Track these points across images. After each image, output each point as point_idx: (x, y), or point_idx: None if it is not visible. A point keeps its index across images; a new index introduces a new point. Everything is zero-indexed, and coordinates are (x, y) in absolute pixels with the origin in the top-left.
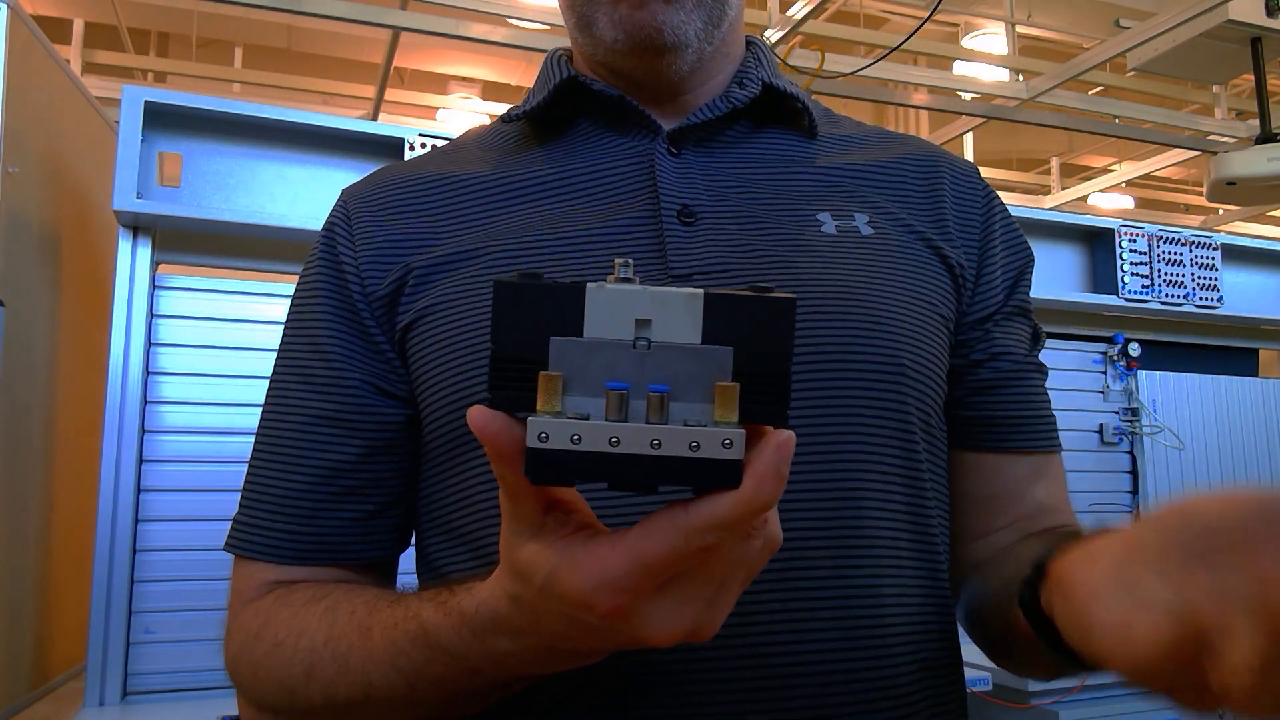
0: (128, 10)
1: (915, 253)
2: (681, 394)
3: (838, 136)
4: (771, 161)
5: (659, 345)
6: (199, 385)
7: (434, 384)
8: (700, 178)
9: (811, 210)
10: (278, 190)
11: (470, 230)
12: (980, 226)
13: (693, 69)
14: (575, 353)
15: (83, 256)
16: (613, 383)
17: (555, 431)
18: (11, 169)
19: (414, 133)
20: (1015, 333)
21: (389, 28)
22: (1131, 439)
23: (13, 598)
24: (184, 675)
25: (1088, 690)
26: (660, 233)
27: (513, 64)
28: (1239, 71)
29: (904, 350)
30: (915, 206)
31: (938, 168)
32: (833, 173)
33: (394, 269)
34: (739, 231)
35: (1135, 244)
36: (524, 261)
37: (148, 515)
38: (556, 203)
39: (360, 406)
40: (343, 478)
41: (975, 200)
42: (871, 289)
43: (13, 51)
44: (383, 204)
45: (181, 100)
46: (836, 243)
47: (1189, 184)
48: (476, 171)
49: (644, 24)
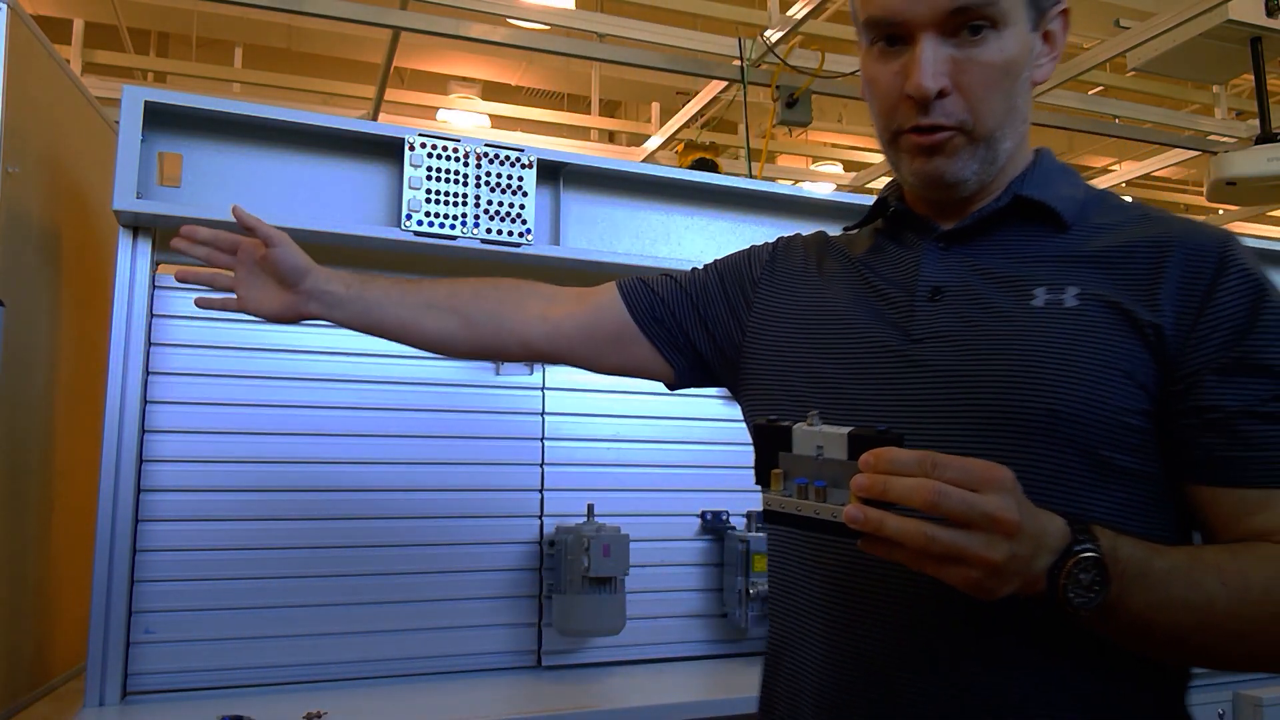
0: (128, 10)
1: (1111, 321)
2: (836, 485)
3: (1092, 226)
4: (1013, 253)
5: (826, 459)
6: (199, 385)
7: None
8: (957, 265)
9: (1030, 287)
10: (278, 190)
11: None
12: (1202, 296)
13: (974, 192)
14: (789, 460)
15: (83, 256)
16: (801, 479)
17: (776, 501)
18: (12, 169)
19: (414, 133)
20: (1236, 385)
21: (389, 28)
22: None
23: (13, 598)
24: (184, 675)
25: None
26: (912, 305)
27: (513, 64)
28: (1239, 71)
29: (1060, 398)
30: (1127, 283)
31: (1168, 249)
32: (1065, 258)
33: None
34: (968, 305)
35: None
36: (831, 319)
37: (148, 515)
38: (863, 281)
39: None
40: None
41: (1203, 272)
42: (1050, 349)
43: (13, 51)
44: (788, 263)
45: (181, 100)
46: (1040, 313)
47: (1189, 184)
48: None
49: (930, 173)
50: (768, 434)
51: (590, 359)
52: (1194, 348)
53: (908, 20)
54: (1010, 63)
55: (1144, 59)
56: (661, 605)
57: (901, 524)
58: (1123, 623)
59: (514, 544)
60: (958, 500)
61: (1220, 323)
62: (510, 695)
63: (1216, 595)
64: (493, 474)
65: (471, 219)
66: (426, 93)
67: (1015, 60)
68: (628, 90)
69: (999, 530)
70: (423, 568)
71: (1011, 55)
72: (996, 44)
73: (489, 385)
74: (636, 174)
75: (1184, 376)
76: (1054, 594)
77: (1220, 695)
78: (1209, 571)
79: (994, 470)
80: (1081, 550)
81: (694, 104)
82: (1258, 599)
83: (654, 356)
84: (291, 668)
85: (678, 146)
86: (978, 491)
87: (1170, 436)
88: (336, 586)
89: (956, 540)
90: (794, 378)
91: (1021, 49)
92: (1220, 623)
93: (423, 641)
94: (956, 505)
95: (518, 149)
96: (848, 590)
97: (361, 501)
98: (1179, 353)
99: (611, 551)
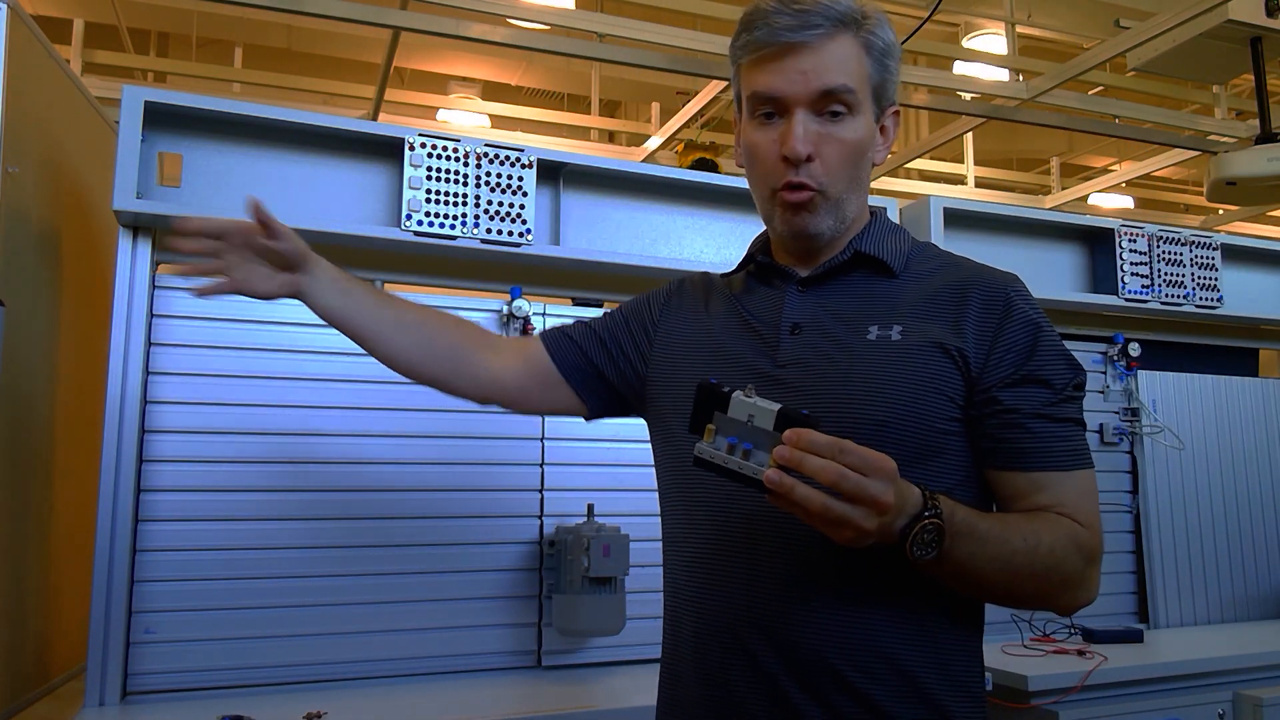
0: (128, 10)
1: (926, 351)
2: (759, 448)
3: (916, 272)
4: (857, 295)
5: (754, 426)
6: (199, 385)
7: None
8: (811, 306)
9: (866, 324)
10: (278, 190)
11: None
12: (995, 327)
13: (826, 244)
14: (722, 420)
15: (83, 256)
16: (732, 439)
17: (706, 451)
18: (11, 169)
19: (414, 133)
20: (1024, 394)
21: (389, 28)
22: (1131, 439)
23: (13, 598)
24: (184, 675)
25: (1088, 690)
26: (778, 338)
27: (513, 64)
28: (1239, 71)
29: (887, 410)
30: (940, 319)
31: (967, 290)
32: (892, 301)
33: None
34: (820, 338)
35: (1135, 244)
36: (717, 348)
37: (148, 515)
38: (740, 317)
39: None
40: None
41: (994, 309)
42: (880, 374)
43: (13, 51)
44: (680, 303)
45: (181, 100)
46: (873, 345)
47: (1189, 184)
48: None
49: (799, 226)
50: (709, 394)
51: (520, 403)
52: (993, 368)
53: (786, 97)
54: (859, 142)
55: (1144, 59)
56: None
57: (807, 493)
58: (948, 570)
59: (514, 544)
60: (853, 484)
61: (1011, 348)
62: (510, 695)
63: (1019, 549)
64: (493, 474)
65: (471, 219)
66: (426, 93)
67: (862, 141)
68: (628, 90)
69: (876, 509)
70: (423, 568)
71: (860, 137)
72: (851, 125)
73: None
74: (636, 174)
75: (985, 389)
76: (903, 547)
77: (1220, 695)
78: (1014, 532)
79: (883, 462)
80: (929, 517)
81: (694, 104)
82: (1046, 553)
83: (572, 397)
84: (291, 668)
85: (678, 146)
86: (868, 476)
87: (977, 435)
88: (336, 586)
89: (846, 511)
90: (684, 396)
91: (867, 134)
92: (1019, 569)
93: (423, 641)
94: (852, 488)
95: (518, 149)
96: (715, 567)
97: (361, 501)
98: (980, 371)
99: (611, 551)
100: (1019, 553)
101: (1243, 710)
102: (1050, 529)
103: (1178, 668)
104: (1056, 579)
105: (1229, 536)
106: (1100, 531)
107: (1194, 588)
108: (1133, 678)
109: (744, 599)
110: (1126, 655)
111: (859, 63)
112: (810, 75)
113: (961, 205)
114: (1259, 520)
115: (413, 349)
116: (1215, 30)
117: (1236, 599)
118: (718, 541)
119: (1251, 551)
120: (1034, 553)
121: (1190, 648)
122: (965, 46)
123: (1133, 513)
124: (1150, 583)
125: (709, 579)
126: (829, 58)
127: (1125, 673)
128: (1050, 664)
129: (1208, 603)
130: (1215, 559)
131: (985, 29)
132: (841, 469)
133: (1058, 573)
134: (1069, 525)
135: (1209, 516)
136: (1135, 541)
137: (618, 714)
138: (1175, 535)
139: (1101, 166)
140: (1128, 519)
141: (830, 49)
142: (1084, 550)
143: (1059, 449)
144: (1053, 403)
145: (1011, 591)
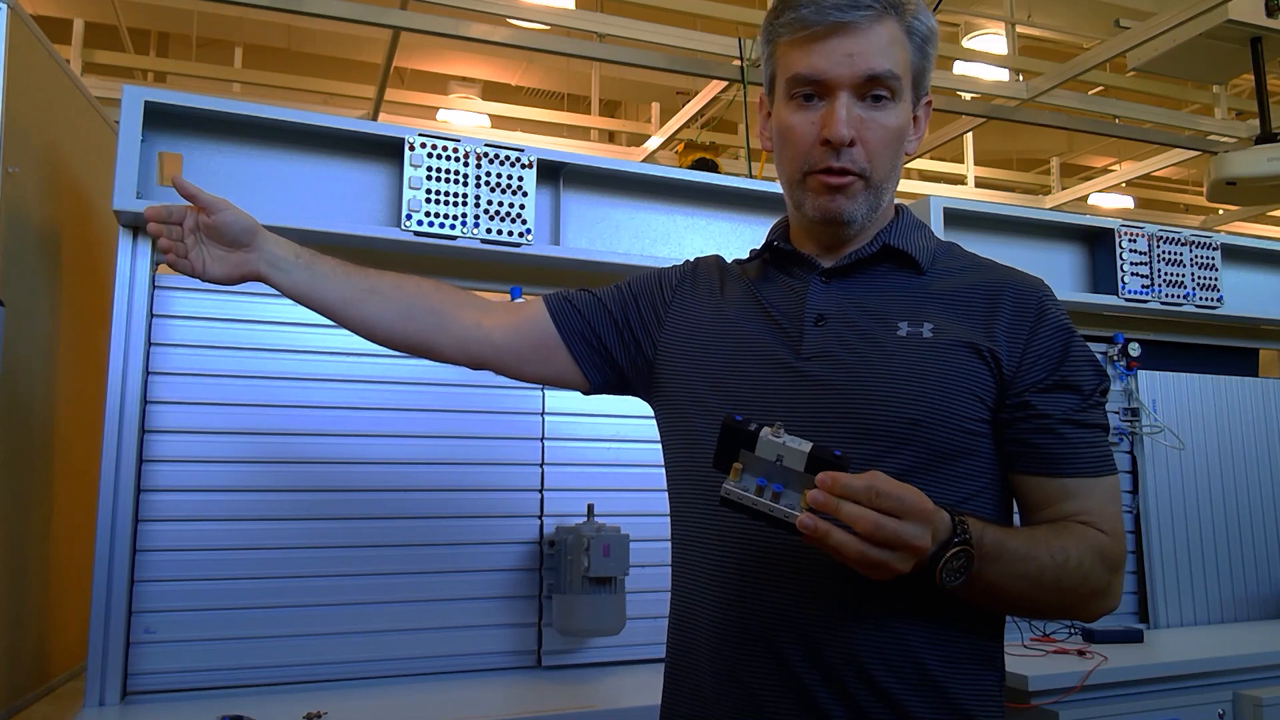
0: (128, 10)
1: (958, 350)
2: (789, 488)
3: (943, 269)
4: (883, 289)
5: (784, 466)
6: (199, 385)
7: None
8: (837, 297)
9: (895, 320)
10: (278, 190)
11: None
12: (1028, 331)
13: (853, 235)
14: (749, 459)
15: (83, 256)
16: (761, 479)
17: (734, 493)
18: (11, 169)
19: (414, 133)
20: (1055, 400)
21: (389, 28)
22: (1131, 439)
23: (13, 598)
24: (184, 675)
25: (1087, 690)
26: (801, 329)
27: (513, 64)
28: (1239, 71)
29: (920, 409)
30: (971, 320)
31: (1001, 291)
32: (921, 297)
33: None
34: (847, 331)
35: (1135, 244)
36: (736, 336)
37: (148, 515)
38: (759, 305)
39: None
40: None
41: (1027, 313)
42: (913, 372)
43: (13, 51)
44: (694, 286)
45: (181, 100)
46: (904, 342)
47: (1189, 184)
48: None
49: (832, 210)
50: (734, 433)
51: (514, 367)
52: (1026, 372)
53: (831, 79)
54: (900, 129)
55: (1144, 59)
56: (661, 605)
57: (843, 539)
58: (977, 589)
59: (514, 544)
60: (890, 533)
61: (1045, 353)
62: (510, 695)
63: (1047, 566)
64: (493, 474)
65: (471, 219)
66: (426, 93)
67: (902, 128)
68: (628, 90)
69: (911, 552)
70: (423, 568)
71: (901, 123)
72: (893, 112)
73: (489, 385)
74: (636, 174)
75: (1019, 393)
76: (932, 573)
77: (1220, 695)
78: (1041, 548)
79: (918, 502)
80: (959, 544)
81: (694, 104)
82: (1074, 569)
83: (573, 367)
84: (291, 668)
85: (678, 146)
86: (902, 519)
87: (1006, 438)
88: (336, 586)
89: (881, 557)
90: (699, 386)
91: (906, 121)
92: (1047, 586)
93: (423, 641)
94: (889, 537)
95: (518, 149)
96: (739, 568)
97: (362, 501)
98: (1013, 375)
99: (611, 551)
100: (1047, 570)
101: (1243, 710)
102: (1077, 543)
103: (1178, 668)
104: (1085, 592)
105: (1229, 537)
106: (1123, 537)
107: (1194, 588)
108: (1133, 678)
109: (776, 601)
110: (1126, 655)
111: (902, 48)
112: (857, 58)
113: (961, 205)
114: (1259, 520)
115: (390, 314)
116: (1215, 30)
117: (1236, 599)
118: (749, 546)
119: (1251, 552)
120: (1062, 568)
121: (1190, 648)
122: (965, 46)
123: (1133, 513)
124: (1150, 583)
125: (744, 581)
126: (876, 40)
127: (1125, 673)
128: (1050, 664)
129: (1207, 603)
130: (1215, 559)
131: (985, 29)
132: (878, 519)
133: (1085, 586)
134: (1094, 537)
135: (1209, 516)
136: (1135, 541)
137: (618, 714)
138: (1175, 535)
139: (1101, 166)
140: (1128, 519)
141: (877, 31)
142: (1109, 560)
143: (1088, 454)
144: (1082, 408)
145: (1038, 606)
